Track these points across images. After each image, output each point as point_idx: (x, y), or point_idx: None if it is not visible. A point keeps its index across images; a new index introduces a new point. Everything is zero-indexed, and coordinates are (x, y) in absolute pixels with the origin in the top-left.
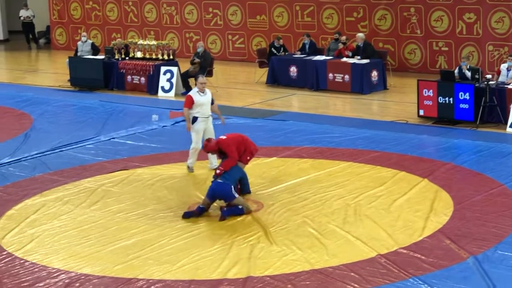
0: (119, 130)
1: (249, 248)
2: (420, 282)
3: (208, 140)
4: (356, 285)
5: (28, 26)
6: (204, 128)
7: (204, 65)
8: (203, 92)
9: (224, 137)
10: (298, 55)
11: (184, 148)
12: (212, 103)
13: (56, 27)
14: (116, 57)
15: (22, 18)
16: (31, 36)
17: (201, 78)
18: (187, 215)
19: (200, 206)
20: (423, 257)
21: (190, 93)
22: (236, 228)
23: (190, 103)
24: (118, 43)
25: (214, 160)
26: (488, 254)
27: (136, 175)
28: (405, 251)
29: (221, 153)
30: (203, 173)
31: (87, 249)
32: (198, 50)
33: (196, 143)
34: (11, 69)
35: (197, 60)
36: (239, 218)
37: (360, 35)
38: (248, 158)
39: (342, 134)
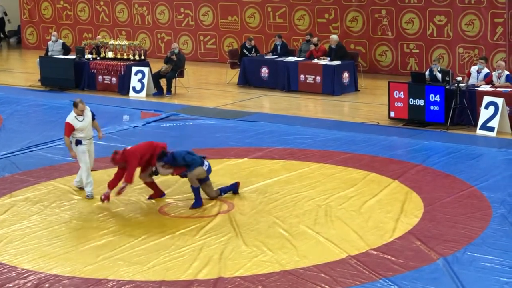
0: None
1: (219, 249)
2: (390, 283)
3: (116, 152)
4: (326, 286)
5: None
6: (87, 149)
7: (177, 66)
8: (81, 116)
9: (129, 147)
10: (269, 56)
11: None
12: (93, 119)
13: (26, 26)
14: (87, 57)
15: None
16: (1, 35)
17: (81, 105)
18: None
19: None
20: (393, 258)
21: (68, 119)
22: (207, 229)
23: (69, 131)
24: (93, 42)
25: (80, 179)
26: (457, 256)
27: (107, 176)
28: (375, 252)
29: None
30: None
31: (57, 250)
32: (175, 51)
33: (85, 164)
34: None
35: (174, 57)
36: (210, 219)
37: (334, 37)
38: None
39: (313, 135)
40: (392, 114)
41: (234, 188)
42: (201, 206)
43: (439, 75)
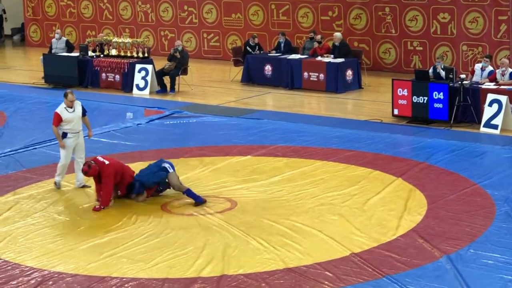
0: (93, 128)
1: (223, 247)
2: (393, 281)
3: (89, 166)
4: (329, 284)
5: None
6: (74, 144)
7: (181, 63)
8: (71, 108)
9: (106, 161)
10: (273, 53)
11: (159, 147)
12: (84, 115)
13: (30, 24)
14: (91, 54)
15: None
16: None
17: (71, 96)
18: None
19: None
20: (396, 256)
21: (58, 109)
22: (210, 227)
23: (57, 120)
24: (96, 40)
25: (80, 177)
26: (461, 253)
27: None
28: (378, 250)
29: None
30: None
31: (61, 247)
32: (179, 48)
33: (65, 159)
34: None
35: (177, 54)
36: (213, 217)
37: (337, 34)
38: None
39: (317, 133)
40: (396, 111)
41: (199, 201)
42: (204, 201)
43: (442, 73)
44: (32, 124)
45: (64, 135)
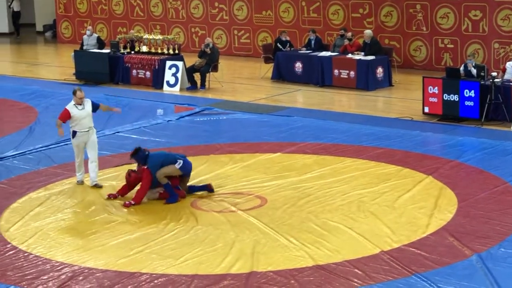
0: (124, 124)
1: (252, 243)
2: (423, 279)
3: (129, 174)
4: (359, 282)
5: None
6: (85, 142)
7: (211, 60)
8: (80, 105)
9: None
10: (303, 51)
11: (189, 143)
12: (97, 107)
13: (62, 20)
14: (122, 51)
15: (14, 9)
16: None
17: (79, 93)
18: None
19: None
20: (426, 254)
21: (67, 106)
22: (240, 224)
23: (64, 117)
24: (127, 36)
25: (93, 175)
26: (491, 252)
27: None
28: (408, 248)
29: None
30: None
31: (91, 243)
32: (210, 45)
33: (78, 157)
34: (16, 62)
35: (208, 50)
36: (243, 214)
37: (368, 32)
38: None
39: (347, 130)
40: (426, 109)
41: (206, 188)
42: (177, 200)
43: (474, 71)
44: None
45: (73, 134)
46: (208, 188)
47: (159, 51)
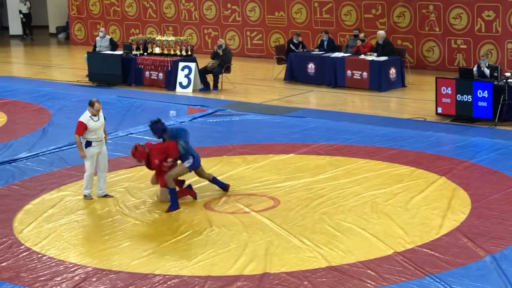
0: (137, 125)
1: (265, 245)
2: (436, 280)
3: (135, 148)
4: (372, 283)
5: (26, 17)
6: (98, 152)
7: (224, 61)
8: (95, 116)
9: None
10: (316, 52)
11: (202, 144)
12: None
13: (75, 22)
14: (135, 52)
15: (23, 10)
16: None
17: (98, 104)
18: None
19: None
20: (440, 255)
21: (82, 118)
22: (252, 225)
23: (82, 129)
24: (140, 38)
25: (103, 186)
26: (505, 253)
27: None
28: (422, 249)
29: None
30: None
31: (104, 244)
32: (222, 46)
33: (91, 168)
34: (30, 64)
35: (220, 51)
36: (256, 215)
37: (381, 33)
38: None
39: (360, 131)
40: (440, 110)
41: (225, 188)
42: (177, 209)
43: (487, 71)
44: (76, 122)
45: (89, 143)
46: (226, 188)
47: (172, 52)
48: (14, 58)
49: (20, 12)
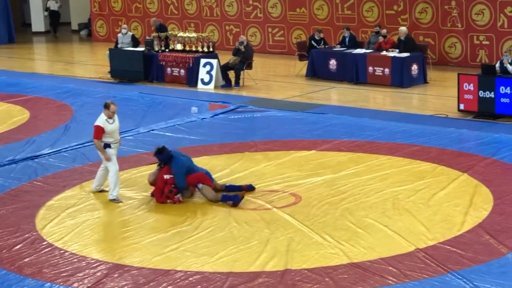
0: (158, 122)
1: (287, 241)
2: (458, 277)
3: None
4: (394, 279)
5: (54, 15)
6: (115, 153)
7: (246, 58)
8: (111, 119)
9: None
10: (338, 48)
11: (223, 141)
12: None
13: (97, 19)
14: (156, 49)
15: (52, 7)
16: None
17: (113, 106)
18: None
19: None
20: (462, 252)
21: (99, 122)
22: (273, 221)
23: (101, 133)
24: (161, 34)
25: (103, 181)
26: None
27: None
28: (443, 246)
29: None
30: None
31: (126, 240)
32: (244, 42)
33: (114, 166)
34: (52, 60)
35: (242, 47)
36: (278, 211)
37: (403, 29)
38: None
39: (382, 127)
40: (462, 106)
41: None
42: (240, 199)
43: (509, 67)
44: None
45: (107, 145)
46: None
47: (194, 49)
48: (36, 54)
49: (48, 9)
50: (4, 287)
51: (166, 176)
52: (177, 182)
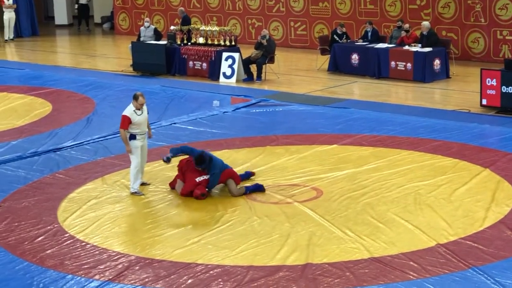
0: (180, 115)
1: (307, 235)
2: (479, 272)
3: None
4: (414, 274)
5: (84, 9)
6: (141, 145)
7: (268, 51)
8: (140, 110)
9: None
10: (360, 42)
11: (245, 135)
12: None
13: (119, 12)
14: (178, 42)
15: (80, 1)
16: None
17: (142, 98)
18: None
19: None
20: (483, 248)
21: (126, 112)
22: (295, 215)
23: (127, 123)
24: (184, 28)
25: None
26: None
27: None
28: (465, 241)
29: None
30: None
31: (147, 233)
32: (266, 36)
33: (137, 160)
34: (74, 53)
35: (264, 41)
36: (299, 205)
37: (425, 23)
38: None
39: (404, 122)
40: (484, 101)
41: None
42: (263, 187)
43: None
44: (120, 111)
45: (133, 137)
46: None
47: (216, 42)
48: (59, 47)
49: (77, 2)
50: (26, 279)
51: (199, 179)
52: (212, 181)
